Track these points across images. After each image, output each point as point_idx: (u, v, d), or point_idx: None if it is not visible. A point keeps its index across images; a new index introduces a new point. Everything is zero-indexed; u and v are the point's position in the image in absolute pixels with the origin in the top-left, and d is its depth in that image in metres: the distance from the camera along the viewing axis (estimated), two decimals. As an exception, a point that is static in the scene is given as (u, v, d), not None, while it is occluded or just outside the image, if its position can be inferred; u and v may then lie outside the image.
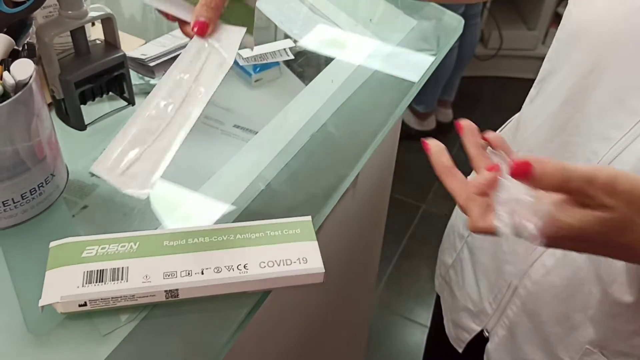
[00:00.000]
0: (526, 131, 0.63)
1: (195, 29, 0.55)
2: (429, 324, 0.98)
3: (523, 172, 0.38)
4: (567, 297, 0.59)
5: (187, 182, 0.66)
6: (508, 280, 0.65)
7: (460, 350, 0.77)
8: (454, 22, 0.94)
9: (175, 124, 0.50)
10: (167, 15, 0.57)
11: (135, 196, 0.43)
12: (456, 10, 1.83)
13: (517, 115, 0.73)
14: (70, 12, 0.61)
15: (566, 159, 0.56)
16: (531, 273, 0.62)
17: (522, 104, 0.67)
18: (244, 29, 0.57)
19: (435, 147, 0.47)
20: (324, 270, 0.53)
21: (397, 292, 1.84)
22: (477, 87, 2.65)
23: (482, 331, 0.72)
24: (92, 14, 0.63)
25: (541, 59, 0.62)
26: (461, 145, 0.48)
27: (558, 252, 0.58)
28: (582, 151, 0.54)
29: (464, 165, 0.49)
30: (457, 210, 0.81)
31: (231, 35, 0.56)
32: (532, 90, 0.64)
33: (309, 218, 0.58)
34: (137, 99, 0.74)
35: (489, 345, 0.71)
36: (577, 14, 0.54)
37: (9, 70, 0.53)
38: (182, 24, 0.57)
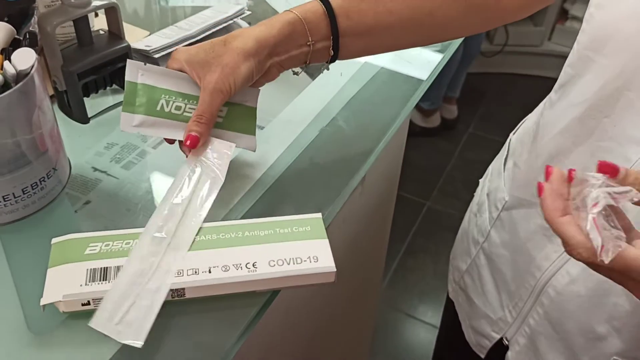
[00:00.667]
0: (547, 136, 0.61)
1: (188, 143, 0.57)
2: (433, 321, 0.97)
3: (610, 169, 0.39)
4: (591, 307, 0.57)
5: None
6: (529, 289, 0.64)
7: (482, 356, 0.75)
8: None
9: (166, 261, 0.51)
10: (166, 139, 0.60)
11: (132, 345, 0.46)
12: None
13: (531, 116, 0.71)
14: (73, 0, 0.59)
15: (593, 165, 0.54)
16: (555, 282, 0.60)
17: (528, 100, 0.65)
18: (233, 145, 0.60)
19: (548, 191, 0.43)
20: (335, 270, 0.52)
21: (402, 289, 1.83)
22: (483, 83, 2.63)
23: (501, 339, 0.71)
24: (95, 3, 0.62)
25: (548, 55, 0.60)
26: (465, 143, 0.46)
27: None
28: (612, 157, 0.52)
29: (468, 165, 0.47)
30: (469, 216, 0.79)
31: (223, 150, 0.59)
32: (552, 94, 0.62)
33: (319, 215, 0.56)
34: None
35: (509, 354, 0.69)
36: (600, 18, 0.53)
37: (9, 60, 0.51)
38: (181, 143, 0.59)
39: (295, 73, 0.65)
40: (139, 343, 0.46)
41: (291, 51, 0.59)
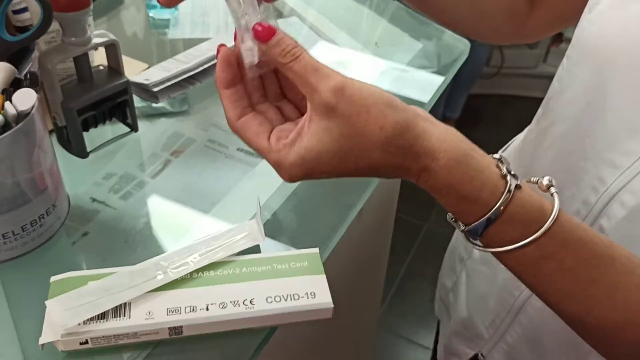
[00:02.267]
0: (533, 154, 0.61)
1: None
2: (432, 346, 0.97)
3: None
4: None
5: (191, 208, 0.65)
6: (507, 307, 0.63)
7: None
8: (461, 45, 0.94)
9: (148, 284, 0.52)
10: None
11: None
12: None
13: (520, 135, 0.71)
14: (73, 38, 0.60)
15: (572, 184, 0.54)
16: (534, 300, 0.59)
17: (525, 122, 0.66)
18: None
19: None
20: (332, 306, 0.52)
21: (400, 313, 1.82)
22: (480, 105, 2.65)
23: (476, 355, 0.70)
24: (95, 40, 0.62)
25: (543, 77, 0.61)
26: None
27: None
28: (588, 178, 0.52)
29: None
30: (457, 233, 0.80)
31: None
32: (539, 109, 0.62)
33: (316, 250, 0.57)
34: (139, 123, 0.73)
35: None
36: (589, 33, 0.52)
37: (10, 100, 0.52)
38: None
39: None
40: (65, 327, 0.47)
41: None
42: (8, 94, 0.52)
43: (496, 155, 0.43)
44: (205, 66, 0.79)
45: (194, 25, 0.97)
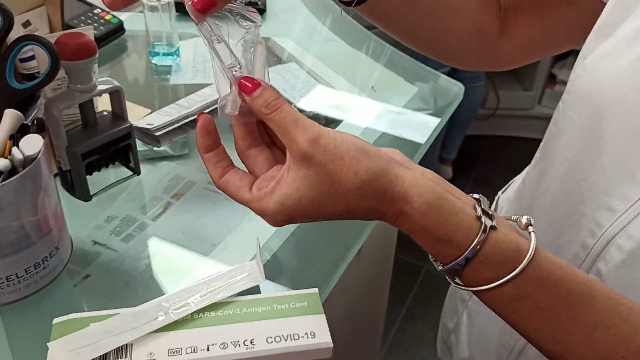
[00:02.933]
0: (532, 196, 0.62)
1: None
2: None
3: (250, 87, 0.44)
4: None
5: (191, 250, 0.66)
6: (509, 349, 0.63)
7: None
8: (455, 88, 0.96)
9: (149, 325, 0.53)
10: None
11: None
12: (456, 73, 1.87)
13: (519, 176, 0.72)
14: (79, 85, 0.62)
15: (570, 227, 0.55)
16: None
17: (521, 162, 0.66)
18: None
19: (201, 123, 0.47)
20: (332, 345, 0.52)
21: (401, 355, 1.80)
22: (476, 146, 2.68)
23: None
24: (100, 87, 0.64)
25: (538, 118, 0.62)
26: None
27: None
28: (586, 222, 0.53)
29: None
30: None
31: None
32: (537, 152, 0.63)
33: (315, 290, 0.57)
34: (141, 166, 0.75)
35: None
36: (584, 80, 0.53)
37: (18, 146, 0.53)
38: None
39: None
40: None
41: None
42: (15, 139, 0.54)
43: (475, 195, 0.45)
44: (207, 111, 0.81)
45: (195, 71, 1.00)
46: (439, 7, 0.62)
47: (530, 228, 0.43)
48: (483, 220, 0.42)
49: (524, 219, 0.44)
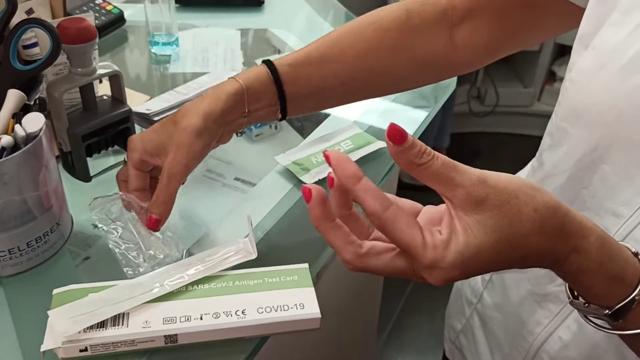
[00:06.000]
0: None
1: (148, 224, 0.60)
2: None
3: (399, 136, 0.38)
4: None
5: (188, 233, 0.68)
6: (523, 353, 0.63)
7: None
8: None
9: (147, 294, 0.55)
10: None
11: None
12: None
13: None
14: (79, 69, 0.64)
15: None
16: (547, 347, 0.60)
17: (520, 159, 0.66)
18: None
19: (315, 197, 0.41)
20: (320, 316, 0.54)
21: (398, 348, 1.82)
22: (476, 143, 2.69)
23: None
24: (100, 71, 0.66)
25: (537, 115, 0.62)
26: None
27: (574, 326, 0.56)
28: None
29: None
30: None
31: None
32: (534, 161, 0.63)
33: (305, 265, 0.59)
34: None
35: None
36: (575, 93, 0.53)
37: (20, 123, 0.55)
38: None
39: (240, 134, 0.66)
40: (66, 335, 0.50)
41: (238, 119, 0.61)
42: (18, 117, 0.56)
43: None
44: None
45: (194, 61, 1.02)
46: (356, 77, 0.64)
47: None
48: (639, 255, 0.41)
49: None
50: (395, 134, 0.38)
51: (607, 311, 0.41)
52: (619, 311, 0.41)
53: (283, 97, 0.62)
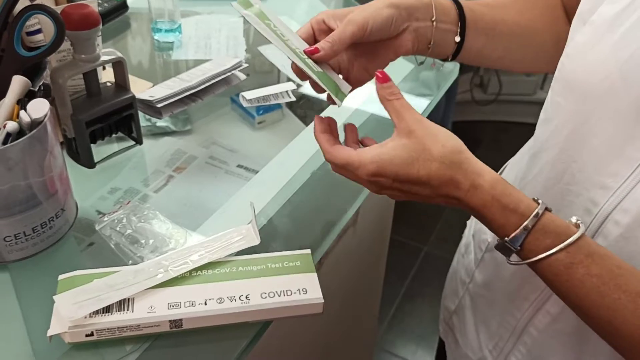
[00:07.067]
0: (524, 179, 0.64)
1: (307, 50, 0.59)
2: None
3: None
4: (577, 344, 0.58)
5: (192, 219, 0.69)
6: (510, 329, 0.65)
7: None
8: (450, 66, 0.98)
9: (150, 280, 0.56)
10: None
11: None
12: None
13: (511, 160, 0.74)
14: (83, 55, 0.65)
15: (564, 207, 0.56)
16: (536, 321, 0.61)
17: (521, 146, 0.68)
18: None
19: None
20: (322, 301, 0.55)
21: (400, 333, 1.84)
22: (478, 131, 2.69)
23: None
24: (104, 57, 0.67)
25: (540, 103, 0.62)
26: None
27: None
28: (580, 201, 0.55)
29: (465, 210, 0.52)
30: (458, 256, 0.82)
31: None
32: (531, 139, 0.65)
33: (308, 251, 0.60)
34: (144, 141, 0.77)
35: None
36: (569, 66, 0.55)
37: (25, 109, 0.56)
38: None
39: (420, 63, 0.72)
40: (72, 319, 0.51)
41: (426, 23, 0.62)
42: (23, 103, 0.57)
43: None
44: (207, 84, 0.83)
45: (196, 47, 1.02)
46: (516, 31, 0.67)
47: (579, 222, 0.50)
48: (539, 202, 0.49)
49: (573, 219, 0.50)
50: (383, 77, 0.54)
51: (505, 239, 0.50)
52: (515, 239, 0.49)
53: (464, 18, 0.64)
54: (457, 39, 0.64)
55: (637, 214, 0.49)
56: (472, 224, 0.78)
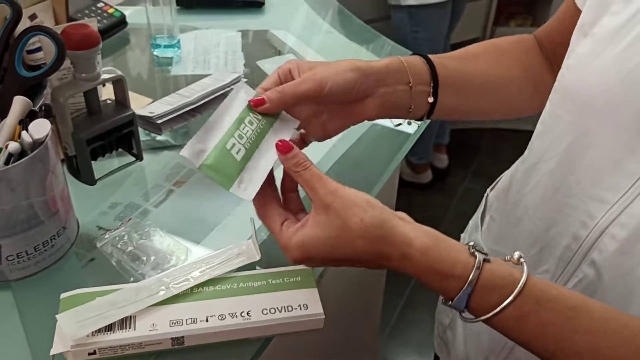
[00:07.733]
0: (520, 191, 0.63)
1: (251, 103, 0.56)
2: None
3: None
4: None
5: (192, 233, 0.69)
6: (501, 344, 0.65)
7: None
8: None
9: (151, 298, 0.56)
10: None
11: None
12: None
13: (506, 172, 0.74)
14: (84, 74, 0.65)
15: (560, 220, 0.56)
16: None
17: (520, 155, 0.68)
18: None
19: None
20: (323, 316, 0.55)
21: (401, 342, 1.83)
22: (476, 139, 2.70)
23: None
24: (104, 76, 0.67)
25: (537, 112, 0.63)
26: (461, 197, 0.50)
27: None
28: (577, 214, 0.54)
29: (464, 220, 0.52)
30: None
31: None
32: (526, 151, 0.64)
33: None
34: (144, 155, 0.78)
35: None
36: (570, 78, 0.55)
37: (27, 130, 0.56)
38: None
39: (397, 125, 0.69)
40: (74, 338, 0.51)
41: (397, 85, 0.59)
42: (24, 124, 0.57)
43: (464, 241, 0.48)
44: (206, 99, 0.84)
45: (195, 62, 1.03)
46: (489, 83, 0.66)
47: (522, 259, 0.48)
48: (477, 255, 0.47)
49: (515, 255, 0.49)
50: (283, 147, 0.53)
51: (450, 303, 0.48)
52: (460, 301, 0.47)
53: (436, 78, 0.62)
54: (430, 99, 0.62)
55: (634, 229, 0.49)
56: (466, 237, 0.78)
